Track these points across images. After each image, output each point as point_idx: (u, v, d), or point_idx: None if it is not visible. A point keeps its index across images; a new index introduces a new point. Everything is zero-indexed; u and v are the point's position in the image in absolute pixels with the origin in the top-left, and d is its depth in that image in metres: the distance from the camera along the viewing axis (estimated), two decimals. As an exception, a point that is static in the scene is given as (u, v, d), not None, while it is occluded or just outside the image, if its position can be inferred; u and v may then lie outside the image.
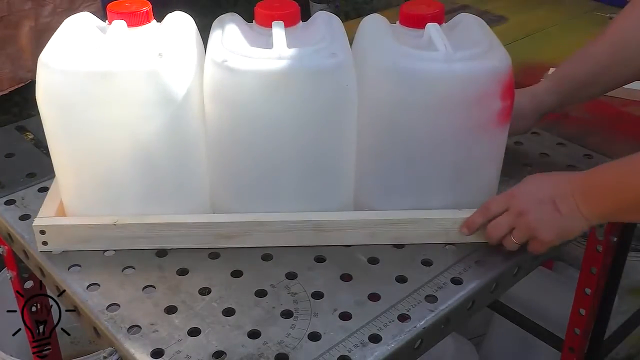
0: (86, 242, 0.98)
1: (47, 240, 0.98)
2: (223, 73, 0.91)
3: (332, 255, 0.99)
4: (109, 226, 0.97)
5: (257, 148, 0.96)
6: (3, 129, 1.32)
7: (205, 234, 0.99)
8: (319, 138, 0.96)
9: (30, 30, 2.65)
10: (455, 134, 0.97)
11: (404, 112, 0.95)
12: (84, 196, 0.99)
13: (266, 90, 0.91)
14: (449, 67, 0.92)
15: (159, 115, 0.92)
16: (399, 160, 1.00)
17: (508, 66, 0.95)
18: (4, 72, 2.66)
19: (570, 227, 0.93)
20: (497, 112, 0.96)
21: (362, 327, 0.86)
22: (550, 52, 1.63)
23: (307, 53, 0.91)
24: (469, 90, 0.94)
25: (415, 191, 1.02)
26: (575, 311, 1.40)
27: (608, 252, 1.30)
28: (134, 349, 0.83)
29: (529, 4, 1.92)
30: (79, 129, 0.93)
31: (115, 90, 0.89)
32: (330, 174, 1.00)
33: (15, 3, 2.58)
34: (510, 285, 1.02)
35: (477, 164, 1.01)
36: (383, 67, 0.94)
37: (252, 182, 1.00)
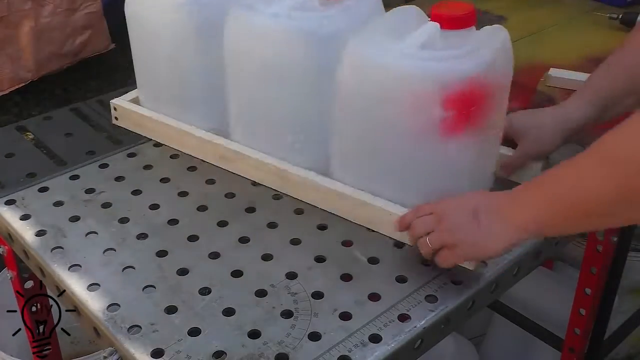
0: (138, 126, 1.28)
1: (117, 116, 1.29)
2: (233, 19, 1.09)
3: (332, 255, 0.99)
4: (149, 119, 1.25)
5: (250, 90, 1.12)
6: (3, 129, 1.32)
7: (208, 150, 1.18)
8: (297, 96, 1.07)
9: (30, 30, 2.65)
10: (397, 128, 0.97)
11: (357, 93, 0.99)
12: (146, 94, 1.29)
13: (256, 42, 1.07)
14: (395, 61, 0.94)
15: (195, 42, 1.16)
16: (354, 141, 1.04)
17: (459, 76, 0.92)
18: (4, 72, 2.66)
19: (486, 242, 0.87)
20: (439, 120, 0.93)
21: (362, 327, 0.86)
22: (550, 52, 1.63)
23: (303, 17, 1.03)
24: (409, 88, 0.94)
25: (367, 174, 1.04)
26: (575, 311, 1.40)
27: (608, 252, 1.30)
28: (134, 349, 0.84)
29: (529, 4, 1.92)
30: (144, 39, 1.23)
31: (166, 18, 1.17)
32: (307, 132, 1.10)
33: (15, 3, 2.59)
34: (510, 285, 1.02)
35: (420, 168, 0.99)
36: (349, 48, 0.98)
37: (246, 119, 1.16)
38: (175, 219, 1.06)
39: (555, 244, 1.07)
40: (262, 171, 1.13)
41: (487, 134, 1.01)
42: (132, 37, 1.25)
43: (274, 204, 1.10)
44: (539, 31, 1.76)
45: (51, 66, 2.80)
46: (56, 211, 1.08)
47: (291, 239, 1.02)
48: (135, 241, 1.01)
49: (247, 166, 1.14)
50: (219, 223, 1.05)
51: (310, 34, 1.02)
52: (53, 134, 1.28)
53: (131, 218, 1.06)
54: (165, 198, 1.11)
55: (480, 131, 0.98)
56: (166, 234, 1.03)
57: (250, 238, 1.02)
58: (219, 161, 1.18)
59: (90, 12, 2.85)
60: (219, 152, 1.17)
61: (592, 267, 1.32)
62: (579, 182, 0.79)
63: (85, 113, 1.35)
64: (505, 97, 1.04)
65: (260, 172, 1.13)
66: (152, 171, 1.18)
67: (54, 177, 1.15)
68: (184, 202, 1.10)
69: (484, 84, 0.94)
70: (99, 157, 1.21)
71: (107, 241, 1.01)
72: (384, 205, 1.02)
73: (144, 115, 1.25)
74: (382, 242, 1.01)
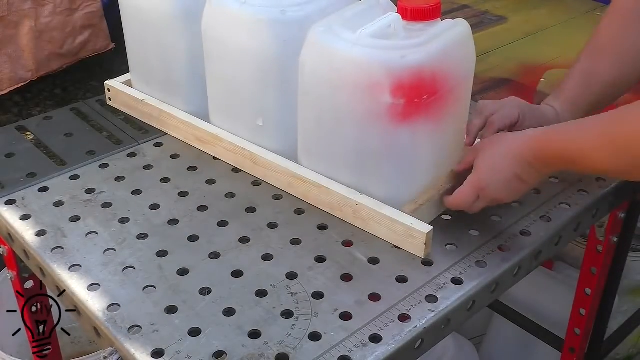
0: (129, 108, 1.33)
1: (111, 97, 1.35)
2: (208, 4, 1.13)
3: (332, 255, 0.99)
4: (139, 101, 1.30)
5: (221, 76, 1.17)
6: (3, 129, 1.33)
7: (190, 132, 1.23)
8: (262, 81, 1.11)
9: (30, 30, 2.66)
10: (351, 115, 0.99)
11: (313, 80, 1.02)
12: (136, 76, 1.34)
13: (225, 27, 1.11)
14: (347, 48, 0.96)
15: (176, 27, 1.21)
16: (313, 126, 1.06)
17: (407, 65, 0.93)
18: (4, 72, 2.66)
19: (533, 187, 1.02)
20: (388, 107, 0.95)
21: (363, 327, 0.86)
22: (550, 52, 1.63)
23: (268, 5, 1.07)
24: (359, 75, 0.96)
25: (326, 160, 1.07)
26: (575, 311, 1.40)
27: (608, 252, 1.30)
28: (135, 349, 0.84)
29: (529, 4, 1.92)
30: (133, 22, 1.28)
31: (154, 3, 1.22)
32: (273, 117, 1.14)
33: (15, 3, 2.59)
34: (510, 285, 1.02)
35: (373, 155, 1.01)
36: (309, 37, 1.01)
37: (220, 103, 1.20)
38: (175, 219, 1.06)
39: (555, 244, 1.07)
40: (237, 155, 1.17)
41: (444, 124, 1.02)
42: (124, 22, 1.30)
43: (274, 204, 1.10)
44: (539, 31, 1.76)
45: (51, 66, 2.80)
46: (56, 211, 1.08)
47: (291, 239, 1.02)
48: (135, 241, 1.01)
49: (223, 150, 1.19)
50: (219, 223, 1.05)
51: (275, 21, 1.06)
52: (53, 134, 1.28)
53: (131, 218, 1.06)
54: (165, 198, 1.11)
55: (436, 121, 1.00)
56: (166, 234, 1.03)
57: (251, 238, 1.02)
58: (197, 143, 1.23)
59: (90, 12, 2.85)
60: (196, 134, 1.22)
61: (592, 267, 1.32)
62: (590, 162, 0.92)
63: (85, 113, 1.35)
64: (467, 89, 1.06)
65: (236, 156, 1.17)
66: (152, 171, 1.18)
67: (54, 177, 1.15)
68: (184, 202, 1.10)
69: (437, 74, 0.96)
70: (99, 157, 1.21)
71: (107, 241, 1.01)
72: (338, 189, 1.04)
73: (132, 97, 1.31)
74: (382, 242, 1.01)
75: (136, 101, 1.31)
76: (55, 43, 2.76)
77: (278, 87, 1.11)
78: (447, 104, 1.00)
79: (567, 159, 0.94)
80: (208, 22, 1.14)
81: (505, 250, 0.99)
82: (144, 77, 1.32)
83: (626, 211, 1.27)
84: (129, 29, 1.30)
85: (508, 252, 0.99)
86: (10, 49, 2.64)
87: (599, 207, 1.13)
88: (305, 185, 1.08)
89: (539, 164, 0.96)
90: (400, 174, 1.02)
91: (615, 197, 1.16)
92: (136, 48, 1.31)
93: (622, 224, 1.28)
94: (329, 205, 1.06)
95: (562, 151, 0.94)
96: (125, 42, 1.33)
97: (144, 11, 1.24)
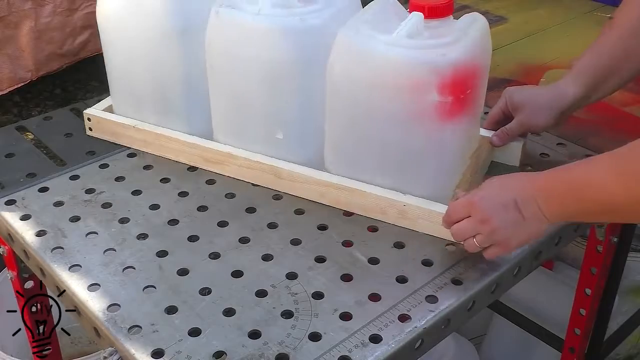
0: (115, 136, 1.24)
1: (91, 127, 1.25)
2: (214, 18, 1.08)
3: (332, 255, 0.99)
4: (130, 127, 1.21)
5: (234, 90, 1.11)
6: (3, 129, 1.33)
7: (195, 154, 1.16)
8: (282, 92, 1.08)
9: (30, 30, 2.65)
10: (392, 116, 0.99)
11: (349, 85, 1.00)
12: (121, 102, 1.25)
13: (240, 39, 1.06)
14: (388, 50, 0.96)
15: (174, 44, 1.14)
16: (348, 131, 1.05)
17: (450, 63, 0.95)
18: (4, 72, 2.66)
19: (534, 231, 0.91)
20: (434, 105, 0.96)
21: (363, 327, 0.86)
22: (550, 52, 1.63)
23: (284, 14, 1.04)
24: (403, 76, 0.96)
25: (362, 165, 1.06)
26: (575, 311, 1.40)
27: (608, 252, 1.30)
28: (135, 349, 0.84)
29: (529, 4, 1.92)
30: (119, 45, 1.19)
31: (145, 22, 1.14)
32: (294, 128, 1.11)
33: (15, 3, 2.59)
34: (511, 285, 1.02)
35: (417, 154, 1.02)
36: (339, 40, 1.01)
37: (231, 119, 1.15)
38: (175, 219, 1.06)
39: (555, 244, 1.07)
40: (256, 171, 1.12)
41: (474, 116, 1.06)
42: (105, 44, 1.21)
43: (274, 204, 1.10)
44: (539, 31, 1.76)
45: (51, 66, 2.80)
46: (56, 211, 1.08)
47: (291, 239, 1.02)
48: (135, 241, 1.01)
49: (237, 168, 1.13)
50: (219, 223, 1.05)
51: (294, 29, 1.04)
52: (53, 134, 1.28)
53: (131, 218, 1.06)
54: (165, 198, 1.11)
55: (469, 114, 1.02)
56: (166, 234, 1.03)
57: (250, 238, 1.02)
58: (206, 165, 1.16)
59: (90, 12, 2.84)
60: (205, 155, 1.16)
61: (592, 267, 1.32)
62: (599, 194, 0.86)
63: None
64: (486, 80, 1.09)
65: (254, 172, 1.12)
66: (152, 171, 1.18)
67: (54, 177, 1.15)
68: (184, 202, 1.10)
69: (474, 68, 0.98)
70: (99, 157, 1.21)
71: (107, 241, 1.01)
72: (380, 192, 1.04)
73: (120, 123, 1.22)
74: (382, 242, 1.01)
75: (125, 128, 1.22)
76: (55, 43, 2.75)
77: (299, 96, 1.08)
78: (477, 97, 1.04)
79: (574, 192, 0.88)
80: (214, 36, 1.09)
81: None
82: (130, 101, 1.23)
83: (626, 211, 1.26)
84: (112, 51, 1.21)
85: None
86: (10, 49, 2.64)
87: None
88: (341, 192, 1.06)
89: (541, 198, 0.89)
90: (443, 171, 1.04)
91: (615, 197, 1.16)
92: (121, 71, 1.22)
93: (622, 224, 1.28)
94: (369, 209, 1.05)
95: (569, 183, 0.89)
96: (106, 65, 1.23)
97: (131, 30, 1.15)
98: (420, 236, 1.03)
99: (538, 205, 0.89)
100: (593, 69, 1.11)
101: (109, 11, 1.17)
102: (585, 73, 1.11)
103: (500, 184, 0.94)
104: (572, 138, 1.27)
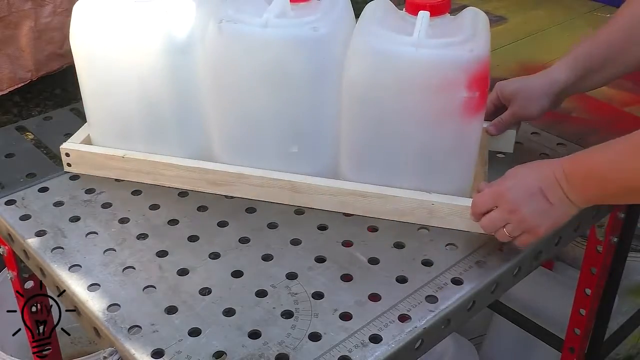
0: (101, 169, 1.14)
1: (70, 162, 1.15)
2: (217, 34, 1.02)
3: (332, 255, 0.99)
4: (119, 158, 1.12)
5: (242, 106, 1.06)
6: (3, 129, 1.32)
7: (198, 178, 1.10)
8: (297, 103, 1.05)
9: (30, 30, 2.65)
10: (420, 117, 0.99)
11: (373, 90, 1.00)
12: (103, 131, 1.16)
13: (249, 53, 1.02)
14: (414, 52, 0.96)
15: (163, 65, 1.06)
16: (370, 135, 1.04)
17: (477, 58, 0.96)
18: (4, 72, 2.66)
19: (562, 215, 0.95)
20: (463, 102, 0.97)
21: (363, 327, 0.86)
22: (550, 52, 1.63)
23: (292, 24, 1.01)
24: (432, 76, 0.96)
25: (385, 168, 1.05)
26: (575, 311, 1.40)
27: (608, 252, 1.30)
28: (135, 349, 0.83)
29: (529, 4, 1.92)
30: (99, 71, 1.09)
31: (127, 38, 1.05)
32: (308, 140, 1.08)
33: (15, 3, 2.59)
34: (510, 285, 1.02)
35: (444, 152, 1.03)
36: (357, 45, 1.00)
37: (238, 137, 1.10)
38: (175, 219, 1.06)
39: (555, 244, 1.07)
40: (270, 188, 1.08)
41: None
42: (82, 73, 1.12)
43: (274, 204, 1.10)
44: (539, 31, 1.76)
45: (51, 66, 2.80)
46: (56, 211, 1.08)
47: (291, 239, 1.02)
48: (135, 241, 1.01)
49: (248, 187, 1.09)
50: (219, 223, 1.05)
51: (308, 39, 1.01)
52: (53, 134, 1.28)
53: (131, 218, 1.06)
54: (165, 198, 1.11)
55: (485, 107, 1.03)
56: (166, 234, 1.03)
57: (250, 238, 1.02)
58: (211, 188, 1.11)
59: (90, 12, 2.84)
60: (210, 178, 1.10)
61: (592, 267, 1.32)
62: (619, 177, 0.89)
63: (85, 113, 1.35)
64: None
65: (268, 190, 1.08)
66: (152, 171, 1.18)
67: (54, 177, 1.15)
68: (184, 202, 1.10)
69: (489, 62, 0.99)
70: (99, 157, 1.21)
71: (107, 241, 1.01)
72: (409, 194, 1.04)
73: (107, 155, 1.13)
74: (382, 242, 1.01)
75: (114, 159, 1.12)
76: (55, 43, 2.75)
77: (313, 107, 1.06)
78: None
79: (594, 175, 0.91)
80: (218, 53, 1.04)
81: (505, 250, 0.99)
82: (114, 130, 1.14)
83: (626, 211, 1.27)
84: (90, 78, 1.11)
85: (508, 252, 0.99)
86: (10, 49, 2.64)
87: (599, 207, 1.13)
88: (366, 199, 1.05)
89: (566, 184, 0.91)
90: (467, 165, 1.05)
91: (615, 197, 1.16)
92: (102, 98, 1.12)
93: (622, 224, 1.28)
94: (396, 213, 1.05)
95: (589, 167, 0.91)
96: (83, 93, 1.14)
97: (114, 54, 1.06)
98: (420, 236, 1.03)
99: (563, 191, 0.92)
100: (589, 57, 1.12)
101: (86, 37, 1.08)
102: (580, 60, 1.13)
103: (524, 172, 0.96)
104: (572, 138, 1.27)
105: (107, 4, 1.06)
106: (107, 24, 1.06)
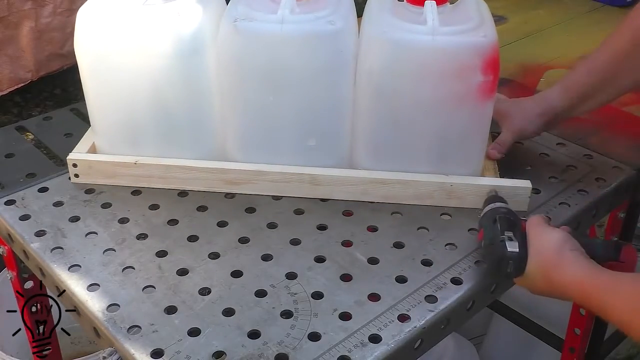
0: (111, 177, 1.11)
1: (78, 173, 1.12)
2: (232, 33, 1.03)
3: (331, 255, 0.99)
4: (130, 164, 1.10)
5: (259, 103, 1.07)
6: (3, 129, 1.33)
7: (214, 179, 1.10)
8: (316, 98, 1.06)
9: (30, 31, 2.65)
10: (437, 103, 1.03)
11: (390, 79, 1.02)
12: (111, 138, 1.13)
13: (267, 50, 1.02)
14: (432, 40, 0.99)
15: (175, 67, 1.06)
16: (387, 124, 1.07)
17: (491, 43, 1.00)
18: (4, 72, 2.66)
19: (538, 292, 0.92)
20: (478, 86, 1.01)
21: (362, 327, 0.86)
22: (550, 52, 1.63)
23: (308, 20, 1.02)
24: (450, 62, 1.00)
25: (402, 155, 1.09)
26: (575, 311, 1.40)
27: (608, 252, 1.30)
28: (134, 349, 0.84)
29: (529, 4, 1.92)
30: (107, 76, 1.07)
31: (137, 42, 1.04)
32: (326, 133, 1.10)
33: (15, 3, 2.58)
34: (510, 285, 1.02)
35: (460, 135, 1.06)
36: (373, 36, 1.02)
37: (255, 135, 1.11)
38: (175, 219, 1.06)
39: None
40: (290, 183, 1.09)
41: None
42: (87, 80, 1.10)
43: (274, 204, 1.10)
44: (539, 31, 1.76)
45: (51, 66, 2.80)
46: (56, 211, 1.08)
47: (291, 239, 1.02)
48: (135, 241, 1.01)
49: (267, 183, 1.09)
50: (219, 223, 1.05)
51: (326, 33, 1.02)
52: (53, 134, 1.28)
53: (131, 218, 1.06)
54: (165, 198, 1.11)
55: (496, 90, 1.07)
56: (166, 234, 1.03)
57: (250, 238, 1.02)
58: (228, 187, 1.10)
59: (91, 12, 2.84)
60: (227, 178, 1.10)
61: (592, 267, 1.32)
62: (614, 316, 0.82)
63: (85, 113, 1.34)
64: None
65: (287, 185, 1.09)
66: (152, 171, 1.18)
67: (54, 177, 1.15)
68: (184, 202, 1.10)
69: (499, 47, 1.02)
70: (98, 157, 1.21)
71: (107, 241, 1.01)
72: (428, 178, 1.07)
73: (118, 162, 1.10)
74: (382, 242, 1.01)
75: (125, 166, 1.10)
76: (55, 43, 2.75)
77: (331, 99, 1.07)
78: None
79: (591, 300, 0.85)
80: (232, 52, 1.04)
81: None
82: (122, 137, 1.12)
83: (626, 211, 1.27)
84: (97, 84, 1.09)
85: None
86: (10, 50, 2.64)
87: (599, 207, 1.13)
88: (387, 186, 1.08)
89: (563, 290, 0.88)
90: (480, 147, 1.09)
91: (614, 197, 1.16)
92: (110, 105, 1.10)
93: (622, 224, 1.28)
94: (415, 197, 1.08)
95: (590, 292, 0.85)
96: (88, 101, 1.12)
97: (123, 59, 1.05)
98: (420, 236, 1.03)
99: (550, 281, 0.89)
100: (583, 86, 1.14)
101: (93, 42, 1.05)
102: (574, 88, 1.14)
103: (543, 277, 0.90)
104: (572, 138, 1.27)
105: (114, 8, 1.05)
106: (115, 28, 1.04)
